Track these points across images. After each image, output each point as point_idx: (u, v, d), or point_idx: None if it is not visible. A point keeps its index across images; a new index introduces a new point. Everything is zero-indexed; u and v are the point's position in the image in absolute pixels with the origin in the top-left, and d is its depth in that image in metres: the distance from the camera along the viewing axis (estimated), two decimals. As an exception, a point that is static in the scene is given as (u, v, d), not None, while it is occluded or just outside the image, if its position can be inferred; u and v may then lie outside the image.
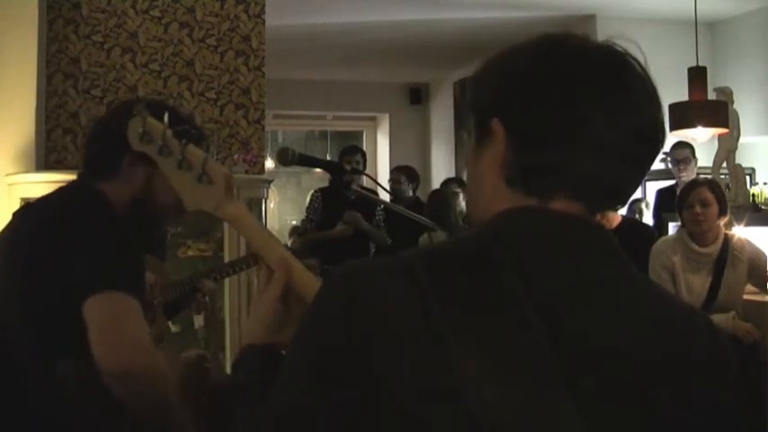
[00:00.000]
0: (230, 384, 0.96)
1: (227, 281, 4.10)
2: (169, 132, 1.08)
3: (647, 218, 5.54)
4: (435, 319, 0.74)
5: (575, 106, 0.82)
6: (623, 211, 4.70)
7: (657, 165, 5.94)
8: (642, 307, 0.84)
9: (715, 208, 3.53)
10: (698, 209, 3.50)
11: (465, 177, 0.99)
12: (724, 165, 5.11)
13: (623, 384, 0.79)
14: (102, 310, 1.49)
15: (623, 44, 0.88)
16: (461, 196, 5.40)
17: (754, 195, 5.19)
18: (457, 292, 0.76)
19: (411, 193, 5.96)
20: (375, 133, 9.81)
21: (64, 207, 1.68)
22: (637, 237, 3.78)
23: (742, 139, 5.18)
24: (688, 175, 4.95)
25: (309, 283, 1.00)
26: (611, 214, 3.77)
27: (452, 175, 7.85)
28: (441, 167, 8.92)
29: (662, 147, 0.88)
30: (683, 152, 5.15)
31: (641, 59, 0.87)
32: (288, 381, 0.80)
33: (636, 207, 5.61)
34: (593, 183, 0.84)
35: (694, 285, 3.54)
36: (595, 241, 0.85)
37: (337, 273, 0.82)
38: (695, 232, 3.55)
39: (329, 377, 0.76)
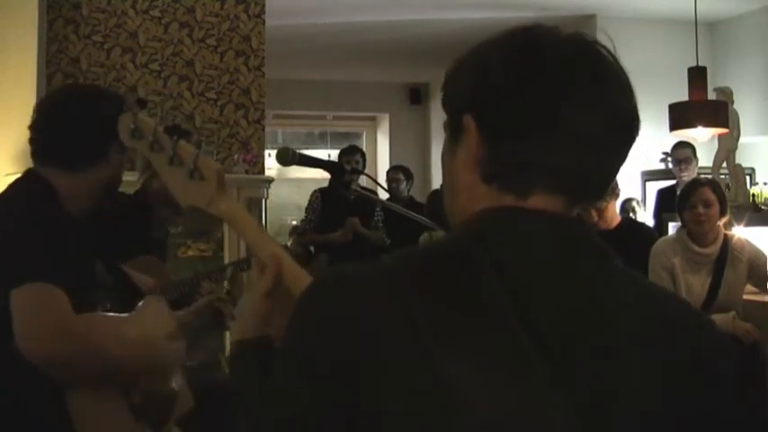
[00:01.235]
0: (224, 381, 0.96)
1: (226, 281, 4.10)
2: (160, 128, 1.08)
3: (640, 216, 5.54)
4: (419, 324, 0.74)
5: (547, 98, 0.82)
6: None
7: (657, 165, 5.95)
8: (629, 304, 0.83)
9: (717, 208, 3.52)
10: (700, 209, 3.50)
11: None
12: (724, 165, 5.11)
13: (612, 384, 0.78)
14: (22, 302, 1.54)
15: (592, 36, 0.87)
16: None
17: (754, 195, 5.18)
18: (440, 297, 0.76)
19: (407, 193, 5.97)
20: (375, 133, 9.81)
21: (10, 201, 1.74)
22: (636, 237, 3.78)
23: (742, 139, 5.17)
24: (689, 175, 4.93)
25: (301, 279, 1.00)
26: (609, 214, 3.77)
27: (452, 175, 7.84)
28: (441, 167, 8.91)
29: (637, 135, 0.86)
30: (684, 152, 5.14)
31: (611, 48, 0.86)
32: (279, 384, 0.81)
33: (628, 206, 5.61)
34: (570, 175, 0.83)
35: (694, 286, 3.54)
36: (578, 239, 0.84)
37: (320, 279, 0.82)
38: (697, 233, 3.54)
39: (319, 380, 0.76)
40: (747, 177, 5.31)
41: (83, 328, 1.61)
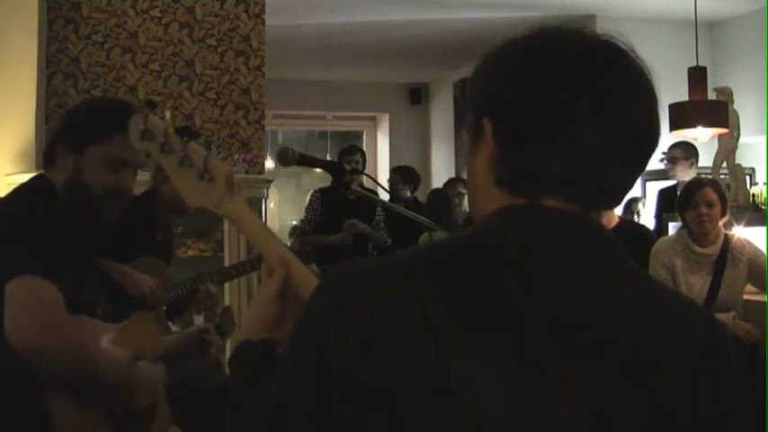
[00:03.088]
0: (227, 381, 0.96)
1: (227, 285, 4.10)
2: (171, 130, 1.08)
3: (645, 217, 5.54)
4: (434, 320, 0.74)
5: (559, 105, 0.81)
6: (620, 211, 4.70)
7: (657, 165, 5.96)
8: (642, 304, 0.83)
9: (719, 208, 3.52)
10: (703, 209, 3.49)
11: (466, 176, 0.98)
12: (724, 165, 5.11)
13: (625, 383, 0.78)
14: (14, 293, 1.59)
15: (625, 40, 0.86)
16: (466, 197, 5.39)
17: (754, 195, 5.19)
18: (455, 294, 0.76)
19: (409, 194, 5.95)
20: (375, 133, 9.81)
21: (14, 199, 1.82)
22: (635, 238, 3.77)
23: (742, 139, 5.17)
24: (675, 174, 5.02)
25: (308, 281, 1.00)
26: (606, 215, 3.76)
27: (452, 175, 7.85)
28: (441, 167, 8.92)
29: (656, 144, 0.85)
30: (671, 152, 5.18)
31: (641, 55, 0.85)
32: (285, 380, 0.80)
33: (634, 207, 5.61)
34: (580, 183, 0.82)
35: (694, 286, 3.54)
36: (592, 238, 0.84)
37: (334, 273, 0.82)
38: (699, 233, 3.53)
39: (326, 377, 0.76)
40: (747, 177, 5.32)
41: (70, 325, 1.64)
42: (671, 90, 5.23)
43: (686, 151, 5.13)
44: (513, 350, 0.74)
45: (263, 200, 4.57)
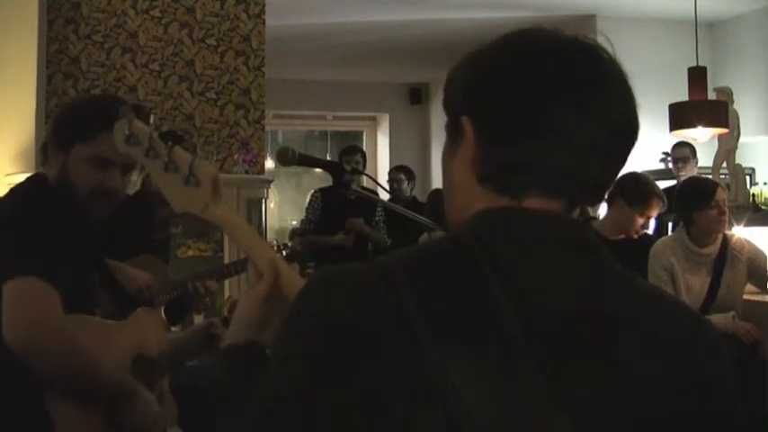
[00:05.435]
0: (213, 383, 0.96)
1: (227, 281, 4.10)
2: (155, 134, 1.07)
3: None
4: (415, 324, 0.74)
5: (542, 101, 0.81)
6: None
7: (657, 165, 5.95)
8: (625, 305, 0.83)
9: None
10: (724, 208, 3.49)
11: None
12: (724, 165, 5.11)
13: (605, 385, 0.78)
14: (9, 294, 1.60)
15: (593, 37, 0.87)
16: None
17: (753, 195, 5.18)
18: (436, 297, 0.76)
19: (409, 193, 5.97)
20: (375, 133, 9.81)
21: (5, 199, 1.82)
22: (636, 242, 3.76)
23: (742, 139, 5.17)
24: (686, 174, 4.96)
25: (297, 285, 1.00)
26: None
27: (452, 175, 7.84)
28: (441, 167, 8.90)
29: (636, 138, 0.86)
30: (682, 151, 5.16)
31: (611, 51, 0.86)
32: (270, 384, 0.81)
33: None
34: (566, 178, 0.83)
35: (694, 286, 3.53)
36: (574, 239, 0.84)
37: (316, 279, 0.82)
38: (713, 231, 3.51)
39: (310, 382, 0.76)
40: (747, 177, 5.31)
41: (65, 326, 1.63)
42: (671, 90, 5.24)
43: (693, 150, 5.15)
44: (494, 354, 0.74)
45: (263, 200, 4.58)
